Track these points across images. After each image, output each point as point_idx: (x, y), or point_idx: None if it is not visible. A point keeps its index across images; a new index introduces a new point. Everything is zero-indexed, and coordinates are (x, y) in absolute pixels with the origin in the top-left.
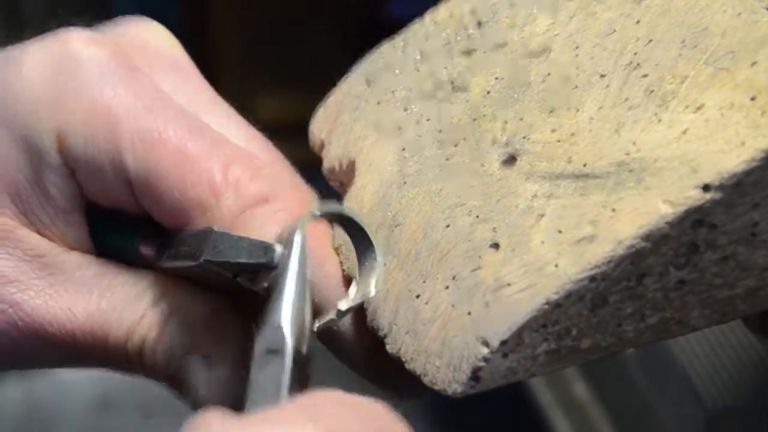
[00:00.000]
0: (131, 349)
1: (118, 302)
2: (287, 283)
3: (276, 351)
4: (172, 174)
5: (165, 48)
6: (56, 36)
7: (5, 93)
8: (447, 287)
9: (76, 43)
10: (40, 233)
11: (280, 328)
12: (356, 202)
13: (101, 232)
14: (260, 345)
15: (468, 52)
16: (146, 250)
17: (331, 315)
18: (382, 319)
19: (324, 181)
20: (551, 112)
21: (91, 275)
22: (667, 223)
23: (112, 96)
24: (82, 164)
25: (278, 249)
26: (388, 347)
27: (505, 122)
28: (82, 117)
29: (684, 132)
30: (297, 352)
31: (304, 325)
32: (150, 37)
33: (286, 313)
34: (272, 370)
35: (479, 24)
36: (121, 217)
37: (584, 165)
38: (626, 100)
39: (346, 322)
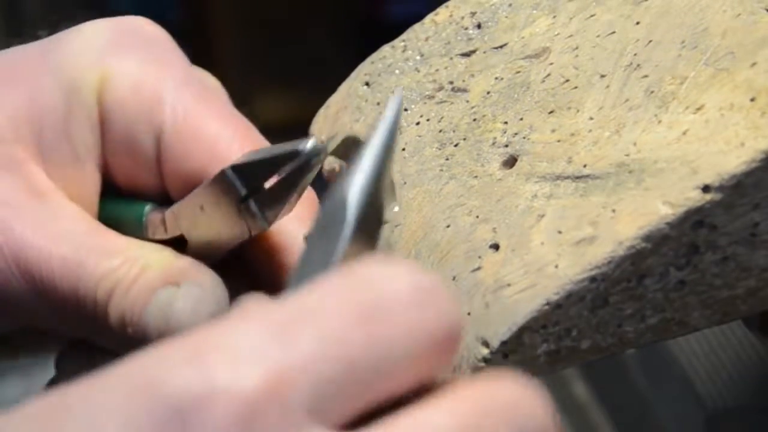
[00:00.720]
0: (101, 294)
1: (103, 250)
2: (366, 152)
3: (333, 226)
4: (209, 132)
5: (211, 80)
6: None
7: (61, 42)
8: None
9: (141, 20)
10: (49, 175)
11: (343, 199)
12: None
13: (108, 204)
14: (317, 221)
15: (468, 53)
16: (153, 217)
17: None
18: None
19: (323, 181)
20: (551, 112)
21: (84, 229)
22: (668, 223)
23: (165, 62)
24: (117, 112)
25: (312, 138)
26: None
27: (506, 123)
28: (133, 68)
29: (684, 133)
30: (360, 230)
31: (380, 205)
32: (198, 70)
33: (356, 184)
34: (325, 246)
35: (479, 25)
36: (131, 195)
37: (584, 166)
38: (626, 100)
39: None
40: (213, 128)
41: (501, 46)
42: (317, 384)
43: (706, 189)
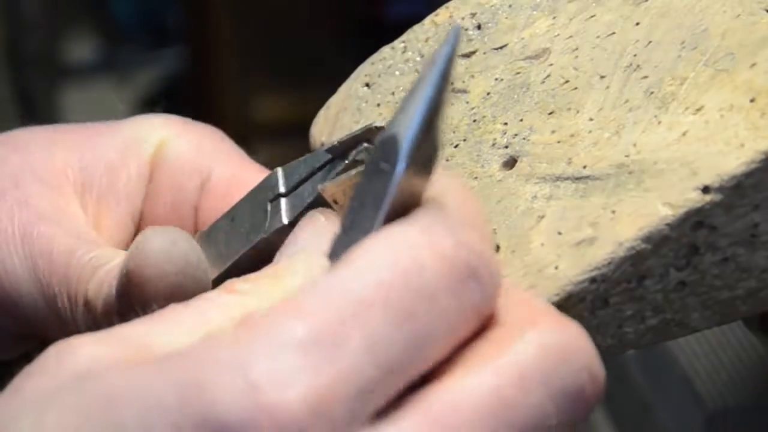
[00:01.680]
0: (87, 269)
1: (99, 244)
2: (419, 86)
3: (385, 165)
4: (254, 183)
5: None
6: None
7: (131, 118)
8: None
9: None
10: (84, 210)
11: (393, 138)
12: None
13: None
14: (369, 161)
15: (468, 54)
16: None
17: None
18: None
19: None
20: (551, 113)
21: (92, 237)
22: (667, 224)
23: (221, 141)
24: (168, 164)
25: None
26: None
27: (505, 124)
28: (192, 134)
29: (684, 134)
30: (415, 167)
31: (435, 141)
32: None
33: (408, 120)
34: (378, 187)
35: (479, 26)
36: None
37: (584, 167)
38: (626, 101)
39: None
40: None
41: (501, 47)
42: (360, 390)
43: (705, 190)
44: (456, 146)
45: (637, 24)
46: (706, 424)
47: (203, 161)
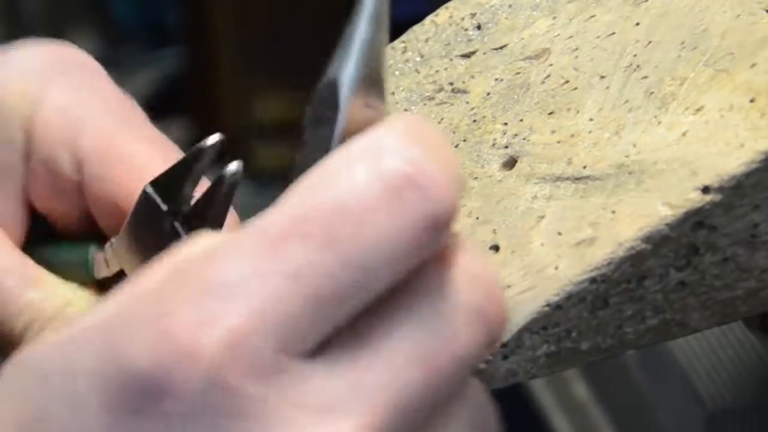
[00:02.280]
0: (21, 323)
1: (27, 278)
2: (354, 26)
3: (326, 113)
4: (129, 152)
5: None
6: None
7: None
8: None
9: (72, 48)
10: None
11: (332, 83)
12: None
13: (50, 249)
14: (311, 113)
15: (468, 54)
16: (98, 257)
17: None
18: None
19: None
20: (551, 113)
21: (5, 252)
22: (667, 225)
23: (93, 87)
24: (40, 135)
25: (236, 162)
26: None
27: (505, 124)
28: (62, 93)
29: (684, 134)
30: (357, 110)
31: (380, 82)
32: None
33: (345, 63)
34: (321, 138)
35: (479, 26)
36: (69, 236)
37: (584, 167)
38: (626, 101)
39: None
40: (134, 149)
41: (501, 48)
42: (283, 326)
43: (705, 190)
44: (456, 146)
45: (637, 24)
46: (706, 424)
47: (73, 132)
